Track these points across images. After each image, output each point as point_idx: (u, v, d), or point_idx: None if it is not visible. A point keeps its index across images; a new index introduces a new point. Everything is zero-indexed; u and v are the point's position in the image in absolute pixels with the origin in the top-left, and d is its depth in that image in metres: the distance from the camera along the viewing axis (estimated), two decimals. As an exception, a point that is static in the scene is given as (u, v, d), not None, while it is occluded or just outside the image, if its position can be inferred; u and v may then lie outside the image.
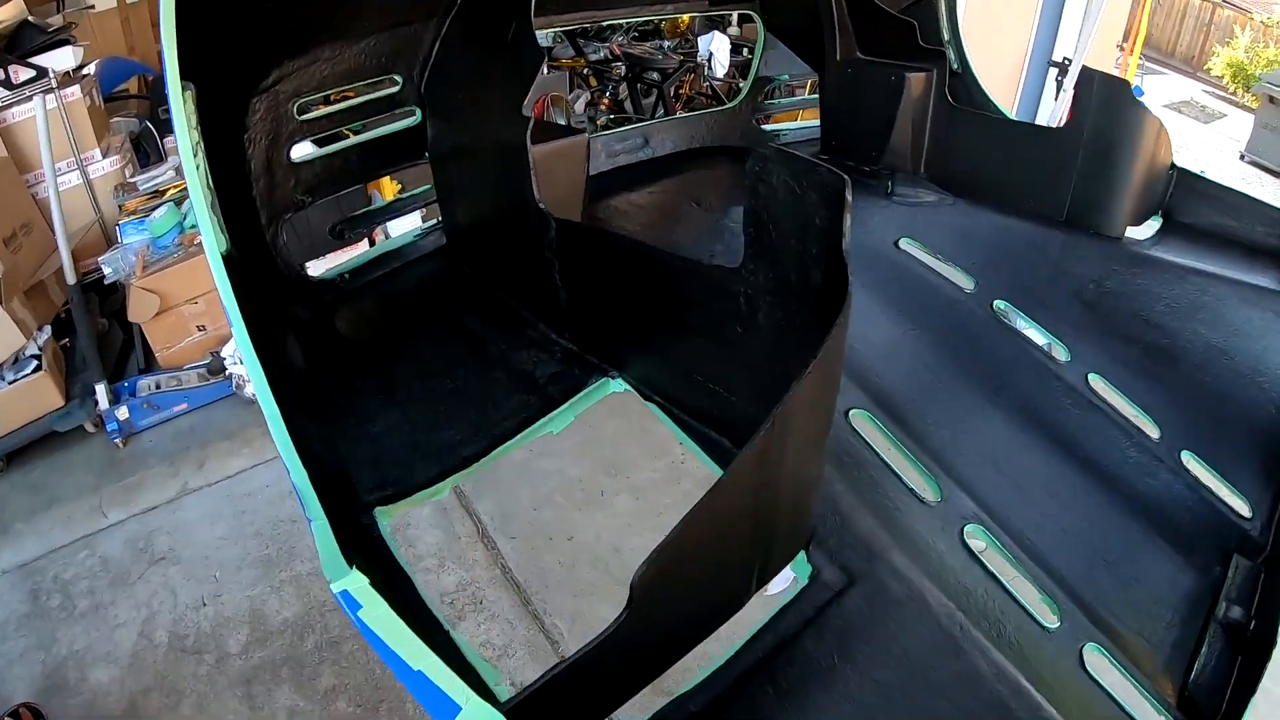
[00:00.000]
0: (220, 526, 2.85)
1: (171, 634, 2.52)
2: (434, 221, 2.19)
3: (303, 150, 1.88)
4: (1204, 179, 2.20)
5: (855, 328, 1.95)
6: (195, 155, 1.37)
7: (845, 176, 0.94)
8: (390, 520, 1.30)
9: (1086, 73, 2.13)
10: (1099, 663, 1.30)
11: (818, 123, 2.84)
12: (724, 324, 1.25)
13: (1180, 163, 2.11)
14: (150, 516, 2.90)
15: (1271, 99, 6.75)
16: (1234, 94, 9.05)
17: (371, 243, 4.21)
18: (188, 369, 3.50)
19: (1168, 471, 1.73)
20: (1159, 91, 7.76)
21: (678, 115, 2.72)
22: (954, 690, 1.03)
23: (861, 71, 2.46)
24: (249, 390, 3.44)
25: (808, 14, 2.48)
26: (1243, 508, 1.63)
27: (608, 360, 1.63)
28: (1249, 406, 1.79)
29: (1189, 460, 1.70)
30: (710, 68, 4.96)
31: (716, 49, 4.87)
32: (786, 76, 2.87)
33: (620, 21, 3.77)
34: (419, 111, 1.94)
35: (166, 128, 4.24)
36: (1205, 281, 2.00)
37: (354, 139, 1.99)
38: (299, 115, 1.75)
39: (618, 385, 1.60)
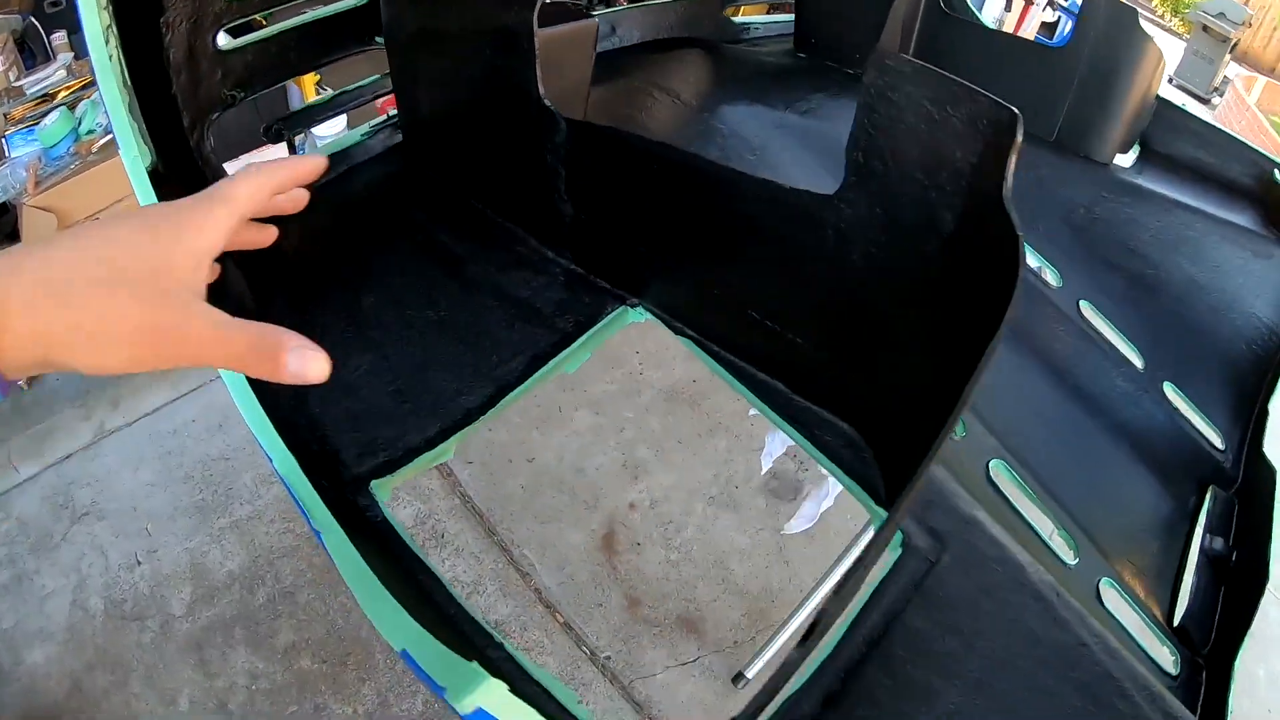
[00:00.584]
0: (145, 471, 2.58)
1: (107, 600, 2.27)
2: (383, 118, 1.93)
3: (228, 36, 1.58)
4: (1185, 112, 2.21)
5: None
6: (107, 42, 1.10)
7: (1015, 110, 0.78)
8: (389, 495, 1.11)
9: None
10: (1112, 598, 1.27)
11: (789, 17, 2.67)
12: (802, 259, 1.08)
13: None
14: (66, 466, 2.60)
15: (1205, 27, 6.86)
16: (1162, 18, 9.19)
17: (291, 148, 3.86)
18: (94, 300, 3.14)
19: (1151, 402, 1.72)
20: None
21: (647, 4, 2.47)
22: (1062, 662, 0.96)
23: None
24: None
25: (791, -100, 2.27)
26: (1216, 440, 1.64)
27: (622, 285, 1.43)
28: (1223, 341, 1.82)
29: (1170, 392, 1.70)
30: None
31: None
32: (763, -34, 2.66)
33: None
34: None
35: (53, 23, 3.72)
36: (1190, 216, 2.01)
37: (293, 20, 1.69)
38: None
39: (638, 315, 1.40)
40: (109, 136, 3.09)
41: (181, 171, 1.47)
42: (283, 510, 2.47)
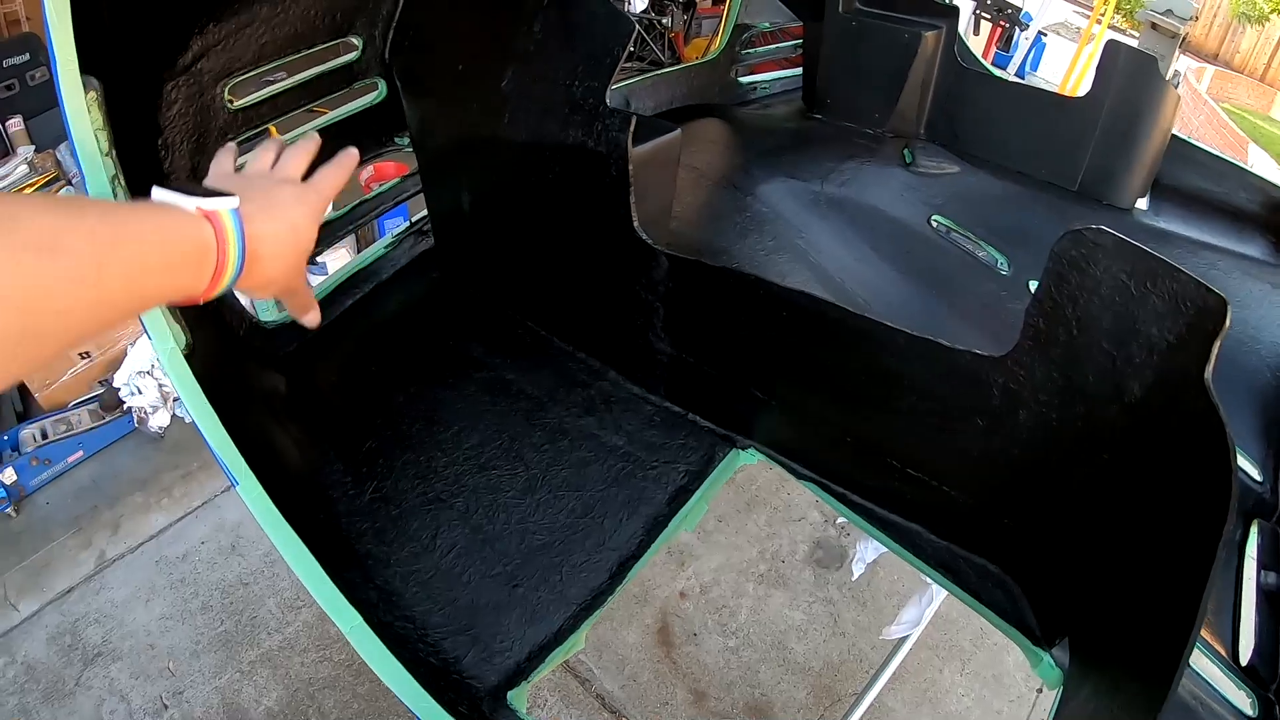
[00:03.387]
0: (158, 603, 2.41)
1: (135, 753, 2.10)
2: (406, 225, 1.79)
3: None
4: (1193, 145, 2.27)
5: (900, 312, 1.78)
6: (115, 195, 0.92)
7: (1223, 296, 0.77)
8: (526, 702, 1.00)
9: (1112, 46, 2.08)
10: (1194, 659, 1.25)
11: (795, 72, 2.63)
12: (959, 415, 1.02)
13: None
14: (70, 602, 2.42)
15: (1154, 25, 7.01)
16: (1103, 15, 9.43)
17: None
18: (76, 407, 2.94)
19: None
20: (1044, 11, 7.96)
21: (657, 73, 2.39)
22: None
23: (867, 25, 2.24)
24: (154, 423, 2.94)
25: (800, -43, 2.23)
26: (1254, 472, 1.64)
27: (727, 425, 1.31)
28: (1250, 374, 1.80)
29: None
30: (628, 2, 4.58)
31: (635, -17, 4.50)
32: (767, 25, 2.60)
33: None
34: (382, 84, 1.51)
35: (8, 107, 3.48)
36: (1213, 255, 2.03)
37: (306, 127, 1.51)
38: (231, 103, 1.28)
39: (750, 457, 1.29)
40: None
41: (204, 324, 1.28)
42: (315, 638, 2.31)
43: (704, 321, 1.22)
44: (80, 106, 0.86)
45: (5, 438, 2.76)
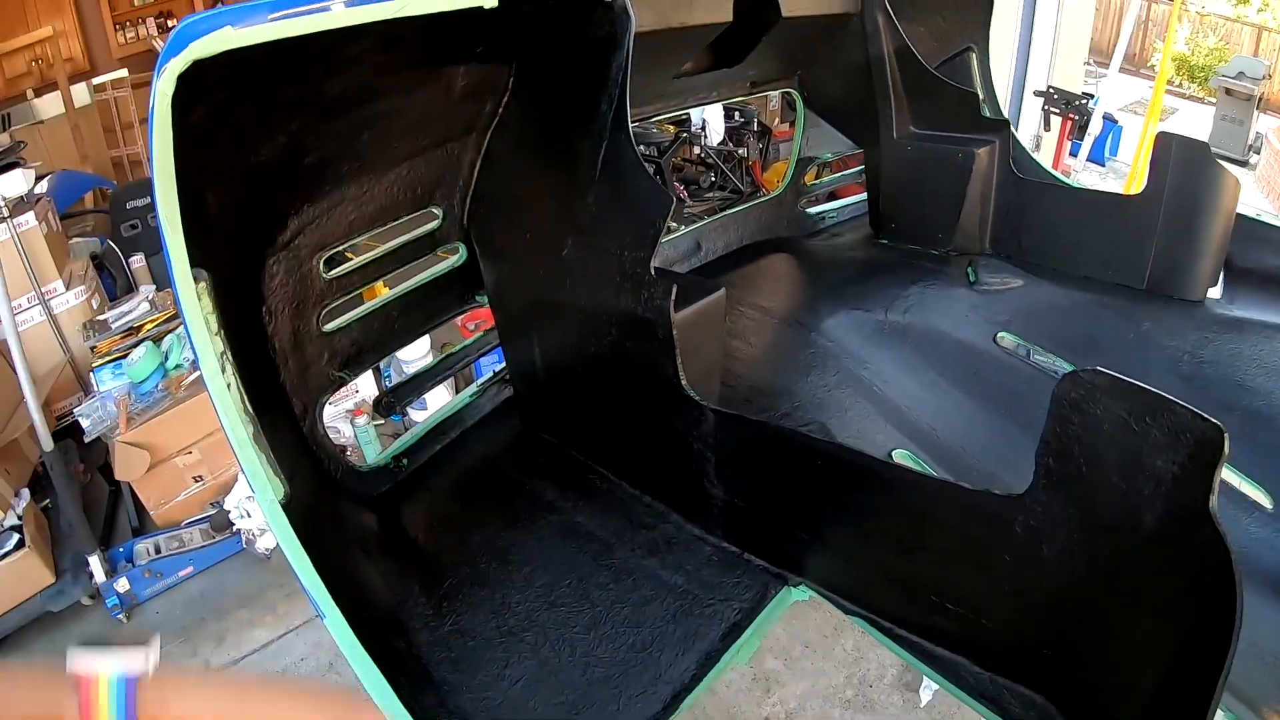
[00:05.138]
0: (257, 715, 2.52)
1: None
2: (489, 376, 1.93)
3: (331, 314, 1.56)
4: (1261, 223, 2.19)
5: (969, 437, 1.78)
6: (224, 370, 1.04)
7: (1220, 425, 0.80)
8: None
9: (1164, 137, 2.06)
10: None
11: (858, 199, 2.71)
12: (986, 551, 1.07)
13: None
14: (174, 712, 2.55)
15: (1228, 91, 6.91)
16: (1180, 87, 9.29)
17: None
18: (188, 525, 3.16)
19: None
20: (1111, 94, 7.92)
21: (726, 214, 2.52)
22: None
23: (922, 148, 2.31)
24: (261, 545, 3.11)
25: (854, 90, 2.33)
26: None
27: (779, 563, 1.38)
28: None
29: None
30: (705, 136, 4.81)
31: (710, 115, 4.74)
32: (830, 155, 2.71)
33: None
34: (463, 249, 1.66)
35: (130, 246, 3.91)
36: None
37: (396, 291, 1.68)
38: (326, 272, 1.45)
39: (801, 594, 1.35)
40: (196, 374, 3.14)
41: (300, 469, 1.39)
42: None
43: (750, 469, 1.31)
44: (191, 295, 1.01)
45: (121, 549, 2.98)
